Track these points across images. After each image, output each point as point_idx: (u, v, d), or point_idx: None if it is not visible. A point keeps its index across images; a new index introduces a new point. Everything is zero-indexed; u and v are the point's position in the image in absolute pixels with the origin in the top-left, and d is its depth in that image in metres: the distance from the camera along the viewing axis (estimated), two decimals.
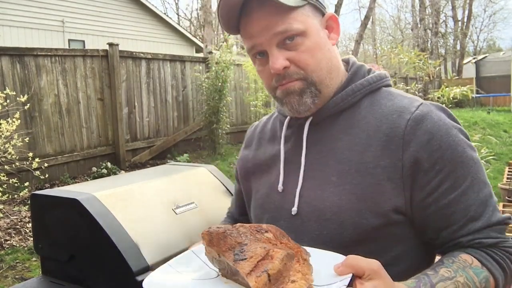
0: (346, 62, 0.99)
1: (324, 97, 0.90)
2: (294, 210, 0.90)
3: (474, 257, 0.80)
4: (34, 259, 3.68)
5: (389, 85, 0.95)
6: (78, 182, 5.75)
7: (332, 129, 0.91)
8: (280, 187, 0.94)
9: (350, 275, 0.66)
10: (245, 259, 0.67)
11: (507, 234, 0.86)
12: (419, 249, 0.87)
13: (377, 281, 0.65)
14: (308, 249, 0.75)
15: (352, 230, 0.83)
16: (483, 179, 0.84)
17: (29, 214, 4.45)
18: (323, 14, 0.90)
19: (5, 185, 4.20)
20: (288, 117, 0.98)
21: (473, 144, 0.89)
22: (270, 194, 0.97)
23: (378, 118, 0.86)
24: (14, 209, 4.65)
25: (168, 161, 6.90)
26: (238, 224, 0.76)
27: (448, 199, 0.81)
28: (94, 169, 6.08)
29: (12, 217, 4.40)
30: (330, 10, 0.93)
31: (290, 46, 0.85)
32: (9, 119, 4.27)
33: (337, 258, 0.71)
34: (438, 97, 4.55)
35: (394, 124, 0.84)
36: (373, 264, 0.66)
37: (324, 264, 0.70)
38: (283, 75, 0.86)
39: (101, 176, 5.89)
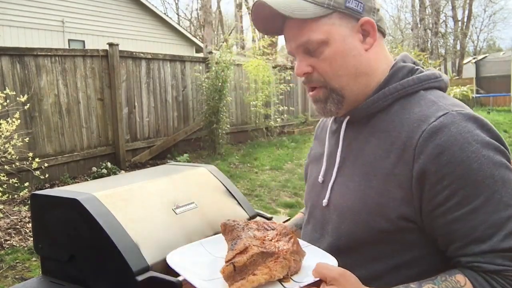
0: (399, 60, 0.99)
1: (350, 101, 0.94)
2: (325, 202, 0.98)
3: (469, 280, 0.78)
4: (34, 259, 3.68)
5: (433, 87, 0.93)
6: (78, 182, 5.75)
7: (365, 130, 0.94)
8: (320, 178, 1.03)
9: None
10: (233, 250, 0.81)
11: None
12: (435, 255, 0.86)
13: (334, 287, 0.73)
14: (309, 247, 0.89)
15: (363, 230, 0.88)
16: (506, 201, 0.78)
17: (29, 214, 4.45)
18: (357, 19, 0.91)
19: (5, 185, 4.20)
20: (334, 116, 1.05)
21: None
22: (314, 184, 1.06)
23: (404, 125, 0.87)
24: (14, 209, 4.65)
25: (168, 161, 6.90)
26: (253, 221, 0.91)
27: (455, 216, 0.79)
28: (94, 169, 6.08)
29: (12, 217, 4.40)
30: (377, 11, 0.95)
31: (314, 53, 0.91)
32: (9, 119, 4.27)
33: (327, 259, 0.85)
34: None
35: (412, 133, 0.84)
36: (334, 272, 0.74)
37: (315, 263, 0.80)
38: (306, 79, 0.95)
39: (101, 176, 5.89)
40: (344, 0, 0.89)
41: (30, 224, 4.00)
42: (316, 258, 0.83)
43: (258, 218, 1.16)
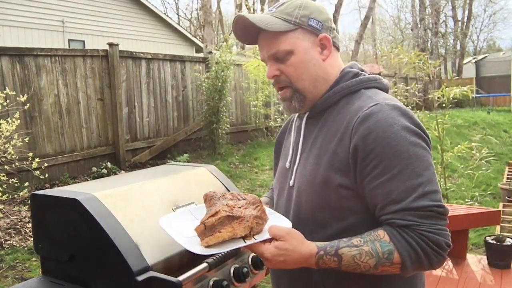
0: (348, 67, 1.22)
1: (310, 100, 1.16)
2: (291, 182, 1.18)
3: (387, 234, 0.98)
4: (34, 259, 3.68)
5: (373, 87, 1.15)
6: (78, 182, 5.75)
7: (320, 122, 1.16)
8: (287, 164, 1.23)
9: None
10: (207, 214, 1.03)
11: None
12: (371, 221, 1.04)
13: (281, 242, 0.97)
14: (274, 214, 1.11)
15: (316, 199, 1.09)
16: (418, 171, 0.98)
17: (29, 214, 4.45)
18: (317, 35, 1.13)
19: (5, 185, 4.20)
20: (297, 113, 1.26)
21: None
22: (282, 169, 1.27)
23: (346, 115, 1.08)
24: (14, 209, 4.65)
25: (168, 161, 6.90)
26: (229, 192, 1.13)
27: (376, 183, 1.00)
28: (94, 169, 6.08)
29: (12, 217, 4.40)
30: (328, 25, 1.17)
31: (281, 60, 1.13)
32: (9, 119, 4.27)
33: (282, 222, 1.06)
34: (438, 97, 4.55)
35: (350, 120, 1.06)
36: (283, 231, 0.99)
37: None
38: (275, 81, 1.17)
39: (101, 176, 5.89)
40: (307, 19, 1.12)
41: (30, 224, 4.00)
42: (276, 222, 1.05)
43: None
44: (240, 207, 1.04)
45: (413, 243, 0.95)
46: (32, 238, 3.67)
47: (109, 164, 6.15)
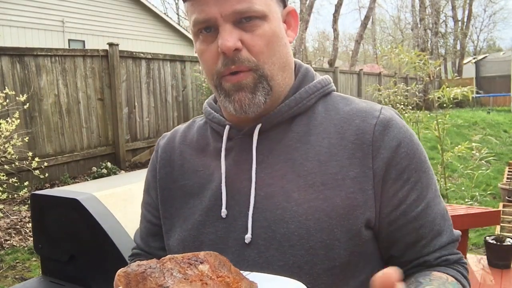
0: None
1: (274, 97, 0.77)
2: (248, 237, 0.73)
3: (446, 274, 0.75)
4: (34, 259, 3.68)
5: (335, 90, 0.86)
6: (78, 182, 5.75)
7: (285, 137, 0.78)
8: (223, 211, 0.77)
9: None
10: None
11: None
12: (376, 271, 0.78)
13: None
14: (259, 276, 0.66)
15: (324, 255, 0.70)
16: (436, 189, 0.78)
17: (29, 214, 4.45)
18: (284, 5, 0.80)
19: (5, 184, 4.20)
20: (228, 126, 0.81)
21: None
22: (206, 222, 0.79)
23: (338, 124, 0.77)
24: (14, 209, 4.65)
25: None
26: (168, 257, 0.61)
27: (416, 212, 0.74)
28: (94, 169, 6.08)
29: (12, 217, 4.40)
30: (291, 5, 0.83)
31: (246, 26, 0.72)
32: (8, 119, 4.27)
33: (289, 284, 0.62)
34: (438, 97, 4.55)
35: (359, 130, 0.75)
36: None
37: None
38: (232, 58, 0.72)
39: (101, 176, 5.89)
40: None
41: (30, 224, 4.01)
42: (276, 284, 0.64)
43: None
44: (211, 278, 0.60)
45: (465, 277, 0.77)
46: (32, 238, 3.67)
47: (109, 164, 6.15)
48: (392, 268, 0.54)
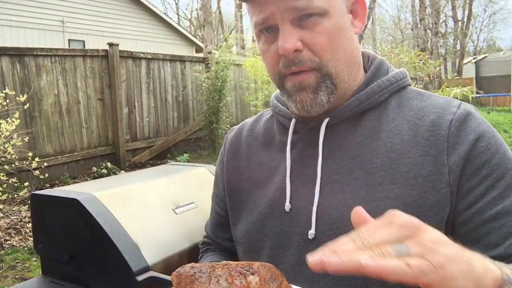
0: (363, 56, 0.84)
1: (340, 94, 0.75)
2: (312, 233, 0.72)
3: None
4: (34, 259, 3.68)
5: (410, 85, 0.82)
6: (78, 182, 5.75)
7: (354, 133, 0.75)
8: (287, 205, 0.77)
9: None
10: None
11: None
12: None
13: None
14: None
15: None
16: None
17: (29, 214, 4.45)
18: None
19: (5, 185, 4.20)
20: (294, 119, 0.80)
21: None
22: (270, 215, 0.79)
23: (412, 121, 0.73)
24: (14, 209, 4.66)
25: (168, 161, 6.90)
26: (223, 262, 0.60)
27: (495, 210, 0.67)
28: (94, 169, 6.08)
29: (12, 217, 4.40)
30: None
31: (306, 24, 0.70)
32: (8, 119, 4.27)
33: None
34: None
35: (433, 127, 0.71)
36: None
37: None
38: (292, 59, 0.70)
39: (101, 176, 5.89)
40: None
41: (30, 224, 4.00)
42: None
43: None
44: None
45: None
46: (32, 238, 3.67)
47: (109, 164, 6.15)
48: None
